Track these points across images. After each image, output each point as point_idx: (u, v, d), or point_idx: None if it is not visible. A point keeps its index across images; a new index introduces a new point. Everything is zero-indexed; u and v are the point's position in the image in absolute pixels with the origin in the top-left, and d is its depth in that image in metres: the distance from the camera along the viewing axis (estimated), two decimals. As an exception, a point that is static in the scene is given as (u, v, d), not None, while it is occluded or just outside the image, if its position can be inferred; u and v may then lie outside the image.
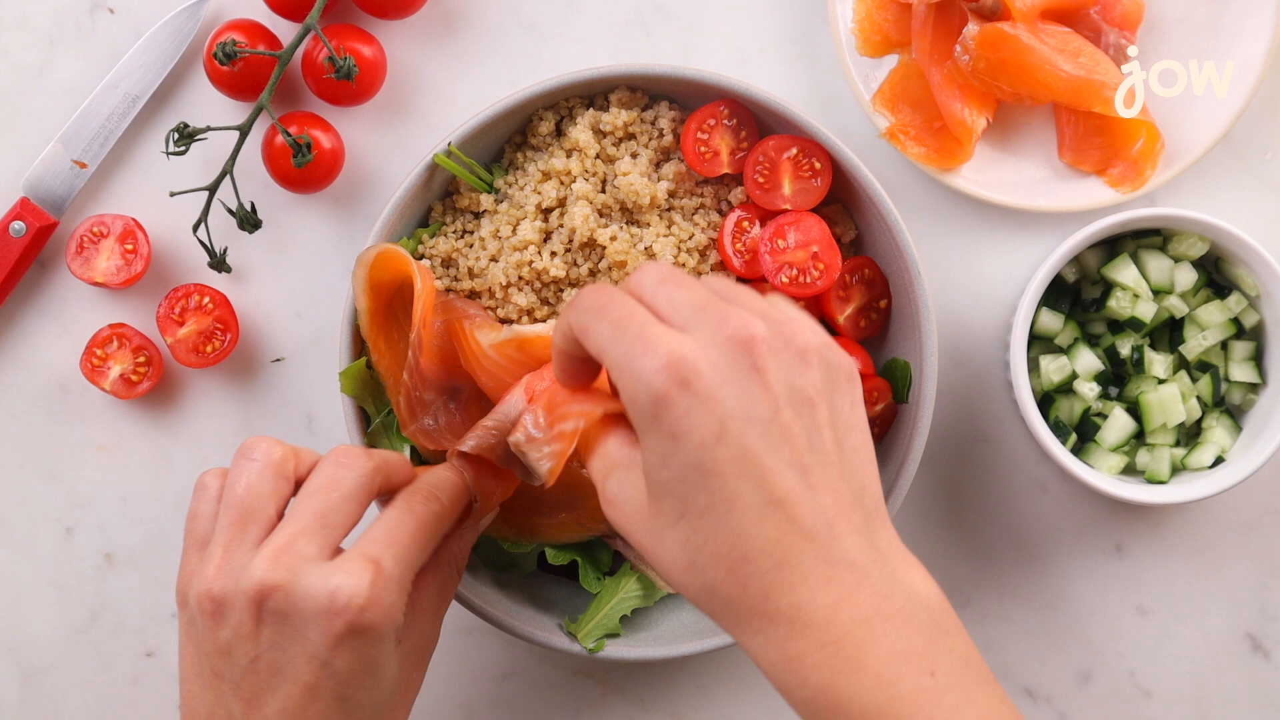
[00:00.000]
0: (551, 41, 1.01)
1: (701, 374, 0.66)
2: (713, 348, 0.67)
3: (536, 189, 0.95)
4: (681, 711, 1.03)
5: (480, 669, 1.03)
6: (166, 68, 1.00)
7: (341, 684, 0.74)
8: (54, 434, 1.02)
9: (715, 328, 0.68)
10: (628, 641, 0.94)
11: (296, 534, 0.75)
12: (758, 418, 0.66)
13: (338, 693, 0.74)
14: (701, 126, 0.95)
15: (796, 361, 0.68)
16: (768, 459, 0.66)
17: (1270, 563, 1.02)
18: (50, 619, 1.02)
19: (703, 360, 0.66)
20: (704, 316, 0.68)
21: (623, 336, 0.68)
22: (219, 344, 0.99)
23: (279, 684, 0.73)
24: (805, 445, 0.67)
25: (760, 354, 0.67)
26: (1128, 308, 0.96)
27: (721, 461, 0.66)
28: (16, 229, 0.99)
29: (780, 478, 0.66)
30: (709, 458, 0.66)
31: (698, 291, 0.70)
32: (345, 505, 0.77)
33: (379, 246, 0.91)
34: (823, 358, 0.69)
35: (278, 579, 0.73)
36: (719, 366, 0.67)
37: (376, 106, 1.01)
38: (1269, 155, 1.01)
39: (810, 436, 0.68)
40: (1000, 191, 0.98)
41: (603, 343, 0.69)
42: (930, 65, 0.97)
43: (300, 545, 0.74)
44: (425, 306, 0.91)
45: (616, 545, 0.96)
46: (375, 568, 0.74)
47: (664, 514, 0.68)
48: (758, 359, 0.67)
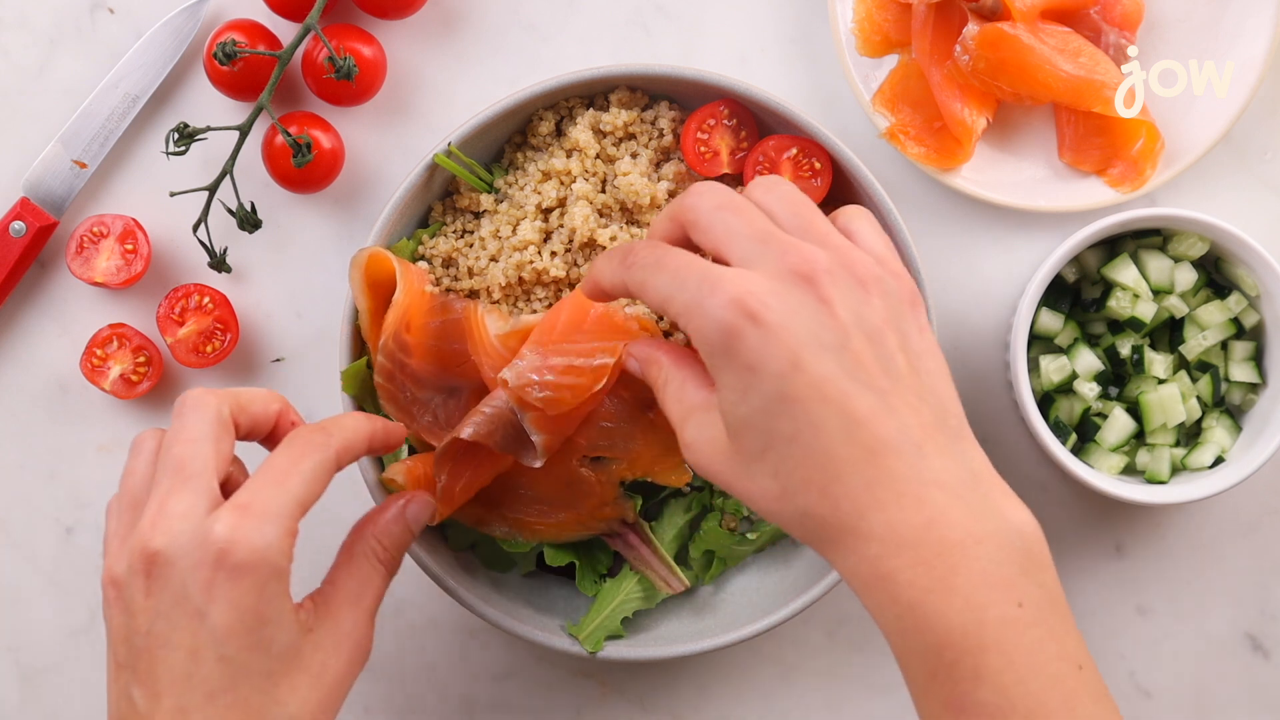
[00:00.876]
0: (551, 41, 1.01)
1: (770, 306, 0.67)
2: (777, 281, 0.68)
3: (536, 189, 0.95)
4: (681, 711, 1.03)
5: (480, 669, 1.03)
6: (166, 68, 1.00)
7: (220, 641, 0.71)
8: (54, 434, 1.02)
9: (777, 260, 0.69)
10: (628, 642, 0.94)
11: (164, 496, 0.73)
12: (829, 345, 0.67)
13: (219, 653, 0.71)
14: (701, 126, 0.95)
15: (859, 291, 0.69)
16: (845, 383, 0.67)
17: (1270, 563, 1.02)
18: (50, 619, 1.02)
19: (769, 293, 0.67)
20: (765, 249, 0.69)
21: (685, 283, 0.69)
22: (219, 344, 0.99)
23: (166, 654, 0.71)
24: (879, 370, 0.68)
25: (824, 285, 0.68)
26: (1128, 308, 0.96)
27: (800, 388, 0.67)
28: (16, 229, 0.99)
29: (860, 399, 0.67)
30: (788, 386, 0.67)
31: (756, 220, 0.71)
32: (198, 449, 0.74)
33: (368, 250, 0.91)
34: (882, 287, 0.70)
35: (155, 545, 0.71)
36: (785, 298, 0.67)
37: (376, 106, 1.01)
38: (1269, 155, 1.01)
39: (883, 363, 0.68)
40: (1000, 191, 0.98)
41: (666, 293, 0.70)
42: (930, 65, 0.97)
43: (171, 505, 0.72)
44: (404, 310, 0.91)
45: (616, 546, 0.96)
46: (241, 509, 0.71)
47: (748, 448, 0.69)
48: (822, 290, 0.68)
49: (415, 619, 1.02)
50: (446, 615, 1.02)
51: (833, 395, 0.66)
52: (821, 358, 0.67)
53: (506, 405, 0.89)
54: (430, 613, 1.02)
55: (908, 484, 0.67)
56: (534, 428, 0.89)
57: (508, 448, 0.90)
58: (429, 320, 0.93)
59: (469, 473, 0.91)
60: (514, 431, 0.90)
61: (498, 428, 0.89)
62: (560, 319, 0.91)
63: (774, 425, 0.67)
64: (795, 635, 1.02)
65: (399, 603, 1.02)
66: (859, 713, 1.03)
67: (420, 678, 1.02)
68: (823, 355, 0.67)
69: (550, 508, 0.95)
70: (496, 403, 0.90)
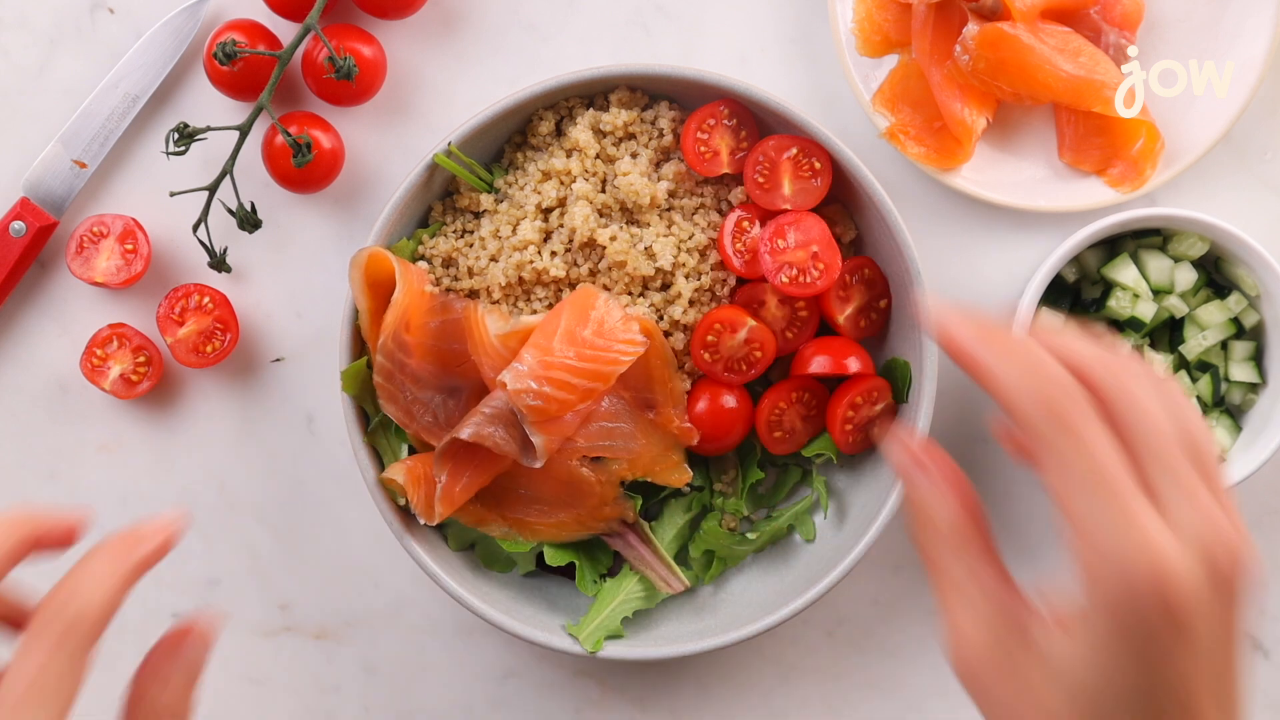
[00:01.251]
0: (551, 41, 1.01)
1: (1187, 609, 0.57)
2: (1198, 565, 0.58)
3: (536, 189, 0.95)
4: (681, 711, 1.03)
5: (480, 669, 1.03)
6: (166, 68, 1.00)
7: None
8: (54, 434, 1.02)
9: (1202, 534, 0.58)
10: (628, 642, 0.94)
11: None
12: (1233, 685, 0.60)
13: None
14: (701, 126, 0.95)
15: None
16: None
17: (1270, 563, 1.02)
18: (50, 619, 1.02)
19: (1189, 584, 0.57)
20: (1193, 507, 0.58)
21: (1096, 493, 0.58)
22: (219, 344, 0.99)
23: None
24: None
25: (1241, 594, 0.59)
26: (1128, 308, 0.96)
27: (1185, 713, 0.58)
28: (16, 229, 0.99)
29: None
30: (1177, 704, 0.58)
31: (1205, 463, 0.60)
32: None
33: (368, 249, 0.91)
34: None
35: None
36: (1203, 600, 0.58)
37: (376, 106, 1.01)
38: (1269, 155, 1.01)
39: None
40: (1000, 191, 0.98)
41: (1071, 483, 0.59)
42: (930, 65, 0.97)
43: None
44: (404, 309, 0.91)
45: (616, 545, 0.96)
46: None
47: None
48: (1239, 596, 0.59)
49: (415, 619, 1.02)
50: (446, 615, 1.02)
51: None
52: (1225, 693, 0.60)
53: (506, 406, 0.90)
54: (430, 613, 1.02)
55: None
56: (534, 429, 0.89)
57: (508, 448, 0.90)
58: (429, 320, 0.93)
59: (469, 472, 0.91)
60: (515, 432, 0.90)
61: (498, 428, 0.89)
62: (561, 321, 0.91)
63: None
64: (795, 635, 1.02)
65: (399, 603, 1.02)
66: (859, 713, 1.03)
67: (420, 678, 1.03)
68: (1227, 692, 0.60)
69: (550, 507, 0.95)
70: (496, 403, 0.90)
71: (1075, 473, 0.58)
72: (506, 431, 0.89)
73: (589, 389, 0.90)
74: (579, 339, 0.90)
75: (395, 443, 0.94)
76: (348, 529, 1.02)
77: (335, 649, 1.02)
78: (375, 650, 1.02)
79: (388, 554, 1.01)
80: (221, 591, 1.02)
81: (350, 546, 1.02)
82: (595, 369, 0.90)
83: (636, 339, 0.91)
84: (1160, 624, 0.56)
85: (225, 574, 1.02)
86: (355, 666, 1.02)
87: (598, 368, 0.90)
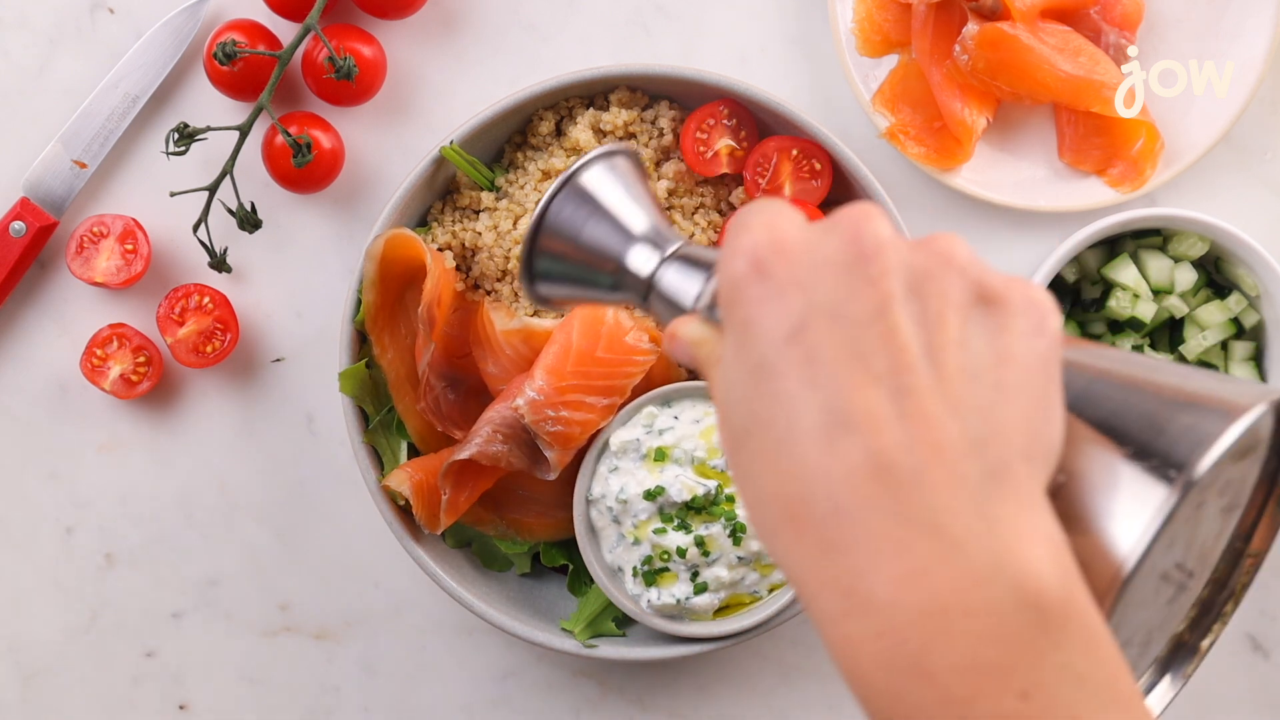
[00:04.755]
0: (551, 41, 1.01)
1: (789, 255, 0.50)
2: (822, 233, 0.51)
3: (537, 188, 0.95)
4: (681, 711, 1.03)
5: (480, 669, 1.03)
6: (166, 68, 1.00)
7: None
8: (54, 434, 1.02)
9: (842, 227, 0.51)
10: (627, 642, 0.94)
11: None
12: (850, 315, 0.49)
13: None
14: (701, 126, 0.95)
15: (931, 263, 0.50)
16: (848, 368, 0.48)
17: (1270, 563, 1.02)
18: (50, 619, 1.02)
19: (799, 242, 0.51)
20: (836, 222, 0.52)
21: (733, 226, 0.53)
22: (219, 344, 0.99)
23: None
24: (914, 360, 0.49)
25: (883, 254, 0.50)
26: (1128, 308, 0.96)
27: (788, 363, 0.49)
28: (16, 229, 0.99)
29: (860, 395, 0.48)
30: (774, 356, 0.49)
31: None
32: None
33: (387, 233, 0.91)
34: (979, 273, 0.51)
35: None
36: (817, 250, 0.51)
37: (376, 106, 1.01)
38: (1269, 155, 1.01)
39: (930, 353, 0.49)
40: (1000, 191, 0.98)
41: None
42: (930, 65, 0.97)
43: None
44: (437, 284, 0.91)
45: (616, 545, 0.96)
46: None
47: (730, 433, 0.51)
48: (877, 261, 0.50)
49: (415, 619, 1.02)
50: (446, 615, 1.02)
51: (825, 381, 0.48)
52: (832, 328, 0.49)
53: (514, 419, 0.89)
54: (430, 613, 1.02)
55: (886, 520, 0.47)
56: (548, 444, 0.89)
57: (519, 464, 0.90)
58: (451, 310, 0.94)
59: (472, 483, 0.92)
60: (524, 448, 0.90)
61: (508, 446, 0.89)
62: (572, 340, 0.90)
63: (753, 406, 0.50)
64: (795, 635, 1.02)
65: (399, 603, 1.02)
66: (859, 713, 1.03)
67: (420, 678, 1.02)
68: (835, 326, 0.49)
69: (548, 508, 0.95)
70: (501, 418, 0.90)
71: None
72: (515, 448, 0.90)
73: (608, 405, 0.90)
74: (590, 358, 0.90)
75: (395, 442, 0.94)
76: (348, 529, 1.02)
77: (335, 649, 1.02)
78: (375, 650, 1.02)
79: (388, 554, 1.01)
80: (221, 591, 1.02)
81: (350, 546, 1.02)
82: (610, 384, 0.90)
83: (647, 349, 0.92)
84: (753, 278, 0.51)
85: (225, 574, 1.02)
86: (355, 666, 1.02)
87: (612, 383, 0.90)
